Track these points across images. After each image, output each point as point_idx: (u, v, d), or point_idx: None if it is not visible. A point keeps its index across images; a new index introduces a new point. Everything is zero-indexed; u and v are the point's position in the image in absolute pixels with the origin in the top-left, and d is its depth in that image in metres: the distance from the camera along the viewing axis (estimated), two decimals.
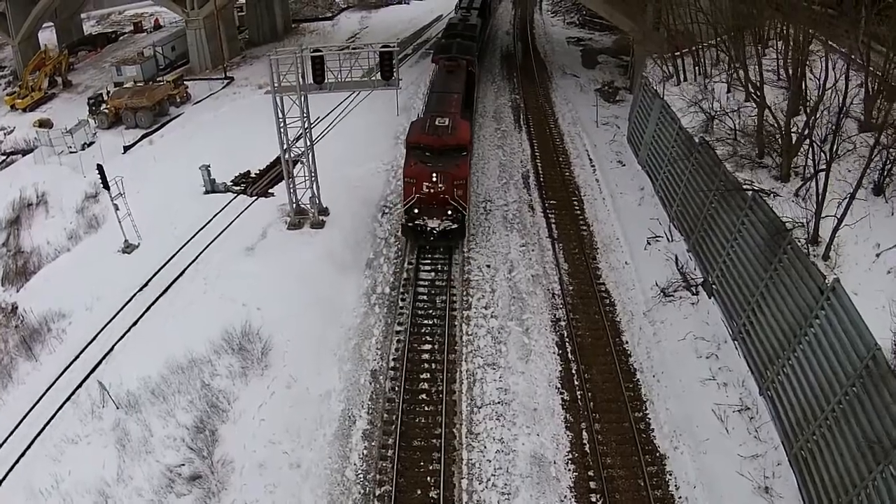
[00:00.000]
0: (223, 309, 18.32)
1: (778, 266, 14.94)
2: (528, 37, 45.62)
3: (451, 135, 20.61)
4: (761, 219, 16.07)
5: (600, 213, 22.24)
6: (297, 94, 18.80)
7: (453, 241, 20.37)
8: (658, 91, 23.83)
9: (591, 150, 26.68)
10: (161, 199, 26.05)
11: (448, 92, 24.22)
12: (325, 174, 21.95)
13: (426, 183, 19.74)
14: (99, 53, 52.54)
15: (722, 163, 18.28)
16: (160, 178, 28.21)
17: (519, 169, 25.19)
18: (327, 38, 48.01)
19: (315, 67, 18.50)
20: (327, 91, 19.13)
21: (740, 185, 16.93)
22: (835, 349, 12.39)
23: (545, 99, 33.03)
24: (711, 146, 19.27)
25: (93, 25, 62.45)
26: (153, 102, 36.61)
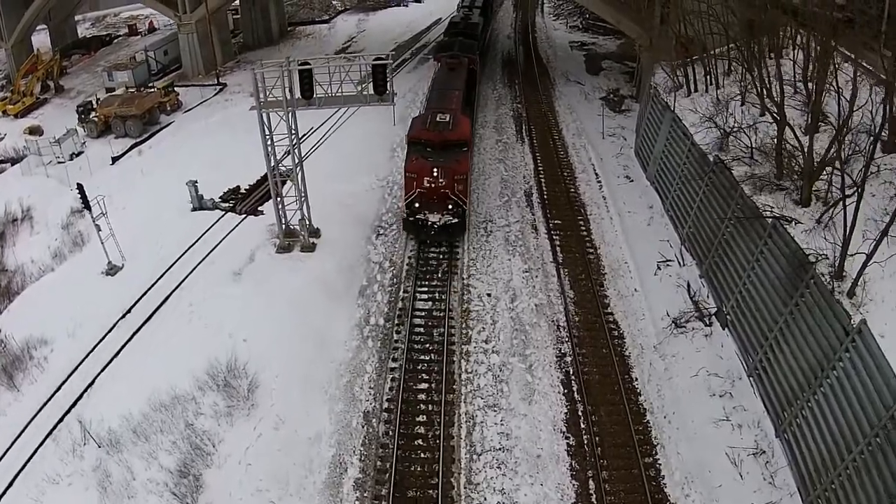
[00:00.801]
0: (208, 339, 17.48)
1: (799, 301, 14.07)
2: (530, 41, 44.54)
3: (452, 130, 20.90)
4: (782, 249, 15.12)
5: (607, 234, 21.23)
6: (284, 110, 17.78)
7: (454, 236, 20.56)
8: (668, 103, 22.80)
9: (597, 164, 25.64)
10: (147, 215, 25.25)
11: (449, 89, 24.45)
12: (316, 190, 21.02)
13: (427, 178, 20.01)
14: (92, 57, 51.67)
15: (739, 185, 17.27)
16: (147, 193, 27.40)
17: (521, 185, 24.15)
18: (323, 42, 47.03)
19: (303, 81, 17.44)
20: (316, 107, 18.11)
21: (760, 212, 15.94)
22: (859, 395, 11.64)
23: (548, 108, 31.98)
24: (727, 166, 18.26)
25: (87, 28, 61.63)
26: (142, 111, 35.69)
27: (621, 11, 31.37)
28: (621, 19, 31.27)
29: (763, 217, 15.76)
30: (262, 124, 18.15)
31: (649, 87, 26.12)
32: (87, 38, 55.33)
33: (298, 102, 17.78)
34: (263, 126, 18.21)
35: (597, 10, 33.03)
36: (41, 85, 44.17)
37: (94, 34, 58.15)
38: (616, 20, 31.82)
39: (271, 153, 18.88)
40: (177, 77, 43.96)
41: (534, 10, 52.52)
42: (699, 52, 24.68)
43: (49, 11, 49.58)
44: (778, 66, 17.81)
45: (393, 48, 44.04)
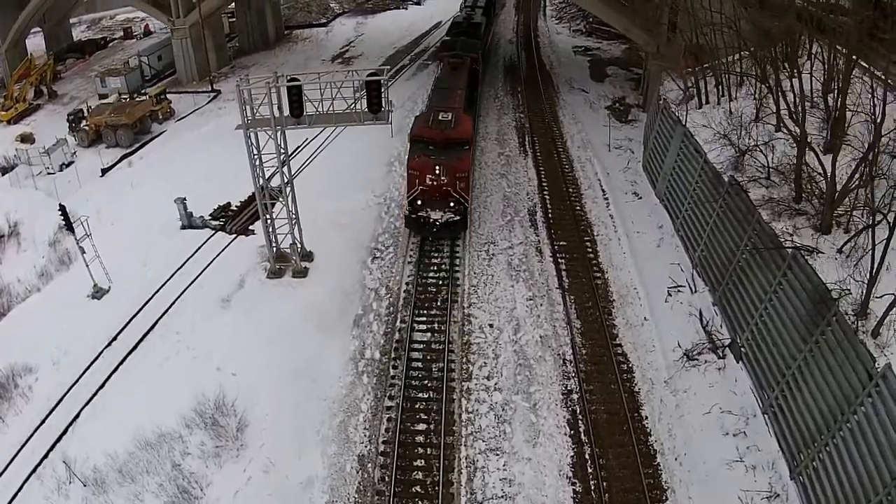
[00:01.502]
0: (196, 372, 16.88)
1: (820, 339, 13.36)
2: (533, 46, 43.54)
3: (454, 129, 21.18)
4: (802, 282, 14.34)
5: (615, 257, 20.40)
6: (272, 129, 16.93)
7: (455, 233, 20.84)
8: (680, 117, 21.93)
9: (603, 180, 24.77)
10: (135, 232, 24.59)
11: (452, 88, 24.77)
12: (308, 209, 20.33)
13: (429, 176, 20.36)
14: (87, 61, 50.89)
15: (756, 210, 16.43)
16: (136, 207, 26.72)
17: (525, 203, 23.29)
18: (320, 47, 46.15)
19: (292, 98, 16.56)
20: (306, 126, 17.26)
21: (779, 241, 15.10)
22: (880, 442, 11.05)
23: (552, 118, 31.07)
24: (743, 188, 17.41)
25: (83, 31, 60.88)
26: (133, 120, 34.91)
27: (628, 17, 30.51)
28: (628, 26, 30.40)
29: (783, 248, 14.96)
30: (248, 144, 17.33)
31: (658, 99, 25.26)
32: (81, 41, 54.56)
33: (287, 121, 16.94)
34: (250, 146, 17.38)
35: (602, 15, 32.13)
36: (34, 90, 43.46)
37: (89, 37, 57.34)
38: (623, 26, 30.93)
39: (259, 174, 18.06)
40: (171, 83, 43.21)
41: (536, 13, 51.53)
42: (710, 61, 23.85)
43: (44, 14, 48.83)
44: (800, 81, 16.87)
45: (391, 53, 43.57)
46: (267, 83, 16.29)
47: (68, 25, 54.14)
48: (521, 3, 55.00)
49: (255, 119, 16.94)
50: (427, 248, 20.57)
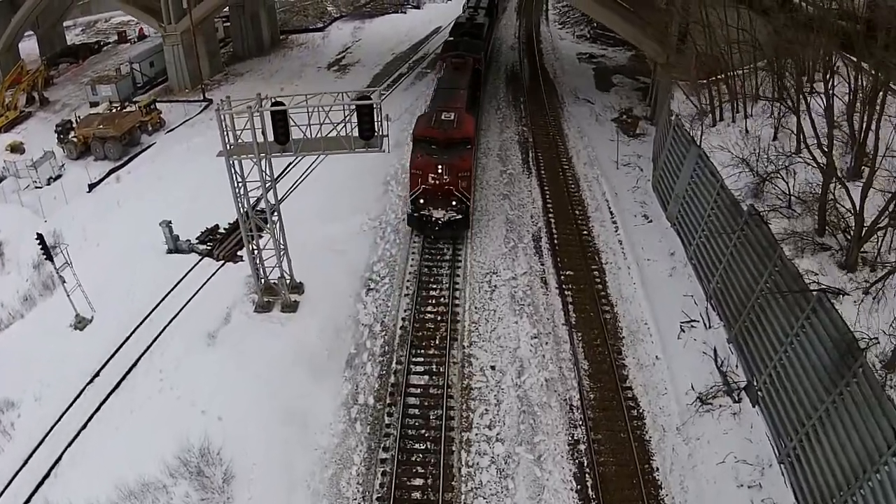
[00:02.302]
0: (180, 415, 16.07)
1: (844, 390, 12.60)
2: (535, 53, 42.48)
3: (457, 128, 21.70)
4: (827, 327, 13.46)
5: (625, 289, 19.47)
6: (256, 156, 15.96)
7: (457, 232, 21.23)
8: (694, 136, 20.94)
9: (611, 201, 23.78)
10: (120, 255, 23.67)
11: (454, 88, 25.27)
12: (298, 234, 19.45)
13: (431, 175, 20.85)
14: (80, 66, 49.99)
15: (779, 246, 15.50)
16: (122, 227, 25.82)
17: (529, 227, 22.31)
18: (316, 53, 45.18)
19: (276, 125, 15.58)
20: (292, 155, 16.33)
21: (804, 282, 14.19)
22: None
23: (556, 131, 30.05)
24: (764, 219, 16.48)
25: (77, 34, 59.99)
26: (122, 132, 34.03)
27: (636, 26, 29.49)
28: (637, 35, 29.37)
29: (808, 291, 14.04)
30: (231, 173, 16.37)
31: (669, 114, 24.28)
32: (75, 45, 53.57)
33: (272, 148, 15.98)
34: (233, 175, 16.43)
35: (610, 23, 31.09)
36: (26, 97, 42.65)
37: (83, 41, 56.44)
38: (631, 36, 29.91)
39: (244, 206, 17.11)
40: (162, 91, 42.36)
41: (538, 18, 50.40)
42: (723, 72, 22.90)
43: (37, 18, 48.02)
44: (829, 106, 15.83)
45: (389, 60, 42.62)
46: (249, 107, 15.32)
47: (62, 29, 53.23)
48: (522, 6, 54.04)
49: (237, 146, 15.96)
50: (425, 279, 19.68)
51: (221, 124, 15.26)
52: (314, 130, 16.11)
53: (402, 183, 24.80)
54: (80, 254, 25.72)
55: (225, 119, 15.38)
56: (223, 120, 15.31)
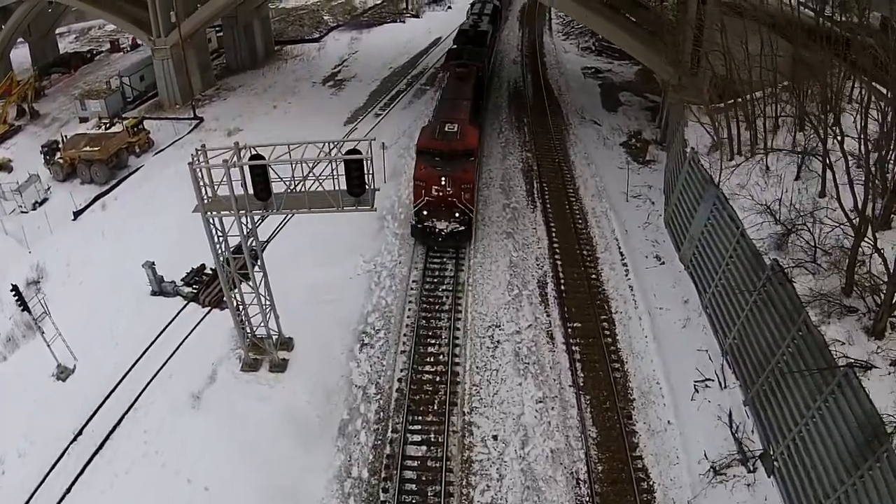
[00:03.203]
0: (165, 483, 15.18)
1: (867, 474, 11.74)
2: (539, 67, 41.14)
3: (460, 140, 22.07)
4: (852, 406, 12.54)
5: (636, 343, 18.26)
6: (235, 212, 14.70)
7: (460, 243, 21.73)
8: (711, 172, 19.65)
9: (621, 239, 22.51)
10: (104, 295, 22.60)
11: (458, 98, 25.60)
12: (287, 279, 18.32)
13: (435, 186, 21.25)
14: (72, 76, 48.90)
15: (804, 310, 14.33)
16: (106, 261, 24.68)
17: (534, 270, 21.05)
18: (311, 66, 43.91)
19: (256, 180, 14.25)
20: (274, 211, 14.98)
21: (832, 357, 13.03)
22: None
23: (562, 157, 28.74)
24: (788, 276, 15.29)
25: (71, 42, 58.91)
26: (108, 156, 32.88)
27: (646, 43, 28.18)
28: (647, 54, 28.04)
29: (834, 368, 12.91)
30: (209, 230, 15.11)
31: (683, 145, 23.00)
32: (68, 53, 52.44)
33: (252, 204, 14.72)
34: (211, 231, 15.16)
35: (619, 41, 29.72)
36: (16, 109, 41.56)
37: (76, 48, 55.34)
38: (641, 55, 28.52)
39: (225, 265, 15.87)
40: (153, 106, 41.24)
41: (541, 28, 48.98)
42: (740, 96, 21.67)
43: (29, 26, 46.87)
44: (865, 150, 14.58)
45: (387, 74, 41.33)
46: (225, 161, 14.05)
47: (54, 37, 52.05)
48: (525, 16, 52.74)
49: (214, 200, 14.69)
50: (423, 333, 18.46)
51: (196, 180, 14.02)
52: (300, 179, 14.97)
53: (399, 219, 23.61)
54: (64, 289, 24.97)
55: (200, 173, 14.14)
56: (198, 175, 14.07)
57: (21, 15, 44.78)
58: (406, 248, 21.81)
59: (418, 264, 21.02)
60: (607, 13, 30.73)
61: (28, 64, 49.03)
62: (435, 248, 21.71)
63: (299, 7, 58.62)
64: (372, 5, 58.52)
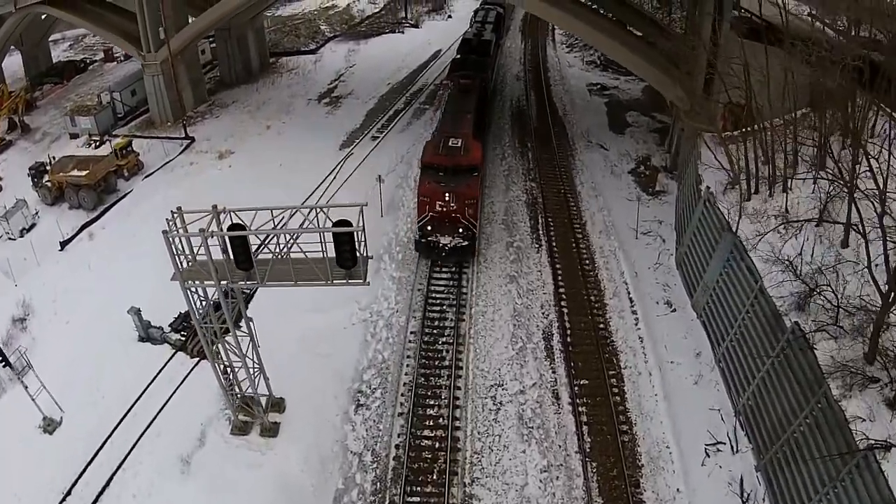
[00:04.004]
0: None
1: None
2: (543, 84, 40.45)
3: (464, 155, 22.88)
4: (870, 490, 12.04)
5: (646, 401, 17.69)
6: (216, 283, 14.04)
7: (464, 258, 22.49)
8: (729, 217, 18.98)
9: (630, 282, 21.88)
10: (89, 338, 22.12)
11: (461, 111, 26.43)
12: (277, 328, 17.85)
13: (439, 202, 21.99)
14: (65, 87, 48.38)
15: (825, 382, 13.78)
16: (93, 299, 24.19)
17: (539, 319, 20.44)
18: (307, 80, 43.30)
19: (236, 251, 13.46)
20: (257, 283, 14.28)
21: (852, 438, 12.51)
22: None
23: (568, 187, 28.05)
24: (810, 342, 14.72)
25: (65, 49, 58.34)
26: (95, 181, 32.37)
27: (657, 65, 27.42)
28: (658, 77, 27.27)
29: (854, 451, 12.38)
30: (188, 299, 14.47)
31: (697, 181, 22.30)
32: (61, 62, 51.83)
33: (234, 273, 14.06)
34: (191, 301, 14.54)
35: (628, 63, 28.93)
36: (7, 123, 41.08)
37: (70, 57, 54.72)
38: (652, 78, 27.73)
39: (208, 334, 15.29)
40: (144, 123, 40.68)
41: (544, 40, 48.21)
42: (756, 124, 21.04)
43: (21, 35, 46.24)
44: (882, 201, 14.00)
45: (384, 91, 40.64)
46: (202, 230, 13.22)
47: (47, 46, 51.27)
48: (527, 25, 52.02)
49: (193, 268, 14.02)
50: (421, 392, 17.93)
51: (171, 248, 13.39)
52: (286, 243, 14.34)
53: (397, 259, 23.05)
54: (50, 327, 24.48)
55: (175, 241, 13.43)
56: (173, 244, 13.40)
57: (12, 25, 44.19)
58: (404, 294, 21.24)
59: (417, 313, 20.44)
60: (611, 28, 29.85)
61: (21, 73, 48.51)
62: (435, 295, 21.19)
63: (295, 16, 57.92)
64: (370, 14, 57.94)
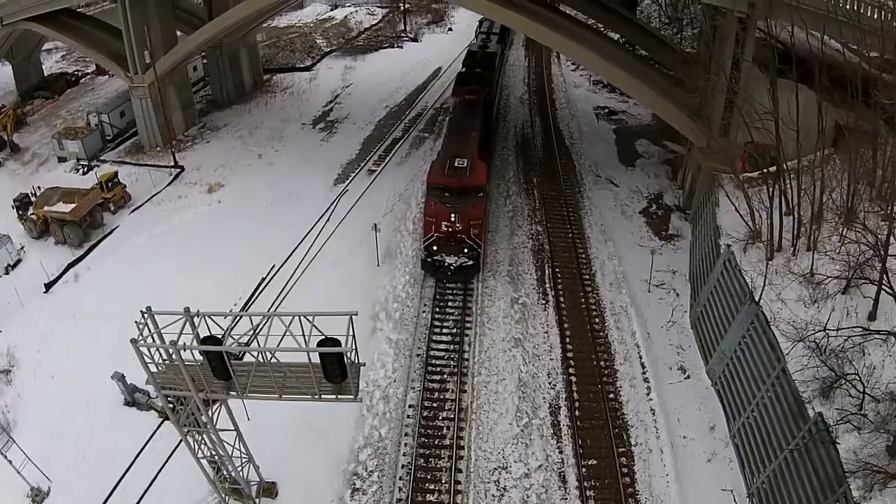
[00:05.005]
0: None
1: None
2: (548, 108, 39.74)
3: (469, 177, 24.01)
4: None
5: (656, 483, 17.09)
6: (194, 395, 13.21)
7: (468, 277, 23.58)
8: (753, 287, 18.08)
9: (642, 345, 21.19)
10: (76, 397, 21.79)
11: (467, 129, 27.45)
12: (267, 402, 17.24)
13: (445, 222, 23.06)
14: (56, 102, 47.88)
15: (846, 481, 13.27)
16: (78, 352, 23.86)
17: (545, 391, 19.74)
18: (302, 102, 42.60)
19: (213, 364, 12.65)
20: (237, 396, 13.48)
21: None
22: None
23: (576, 231, 27.27)
24: (832, 436, 14.16)
25: (57, 61, 57.84)
26: (80, 217, 31.84)
27: (671, 99, 26.59)
28: (673, 112, 26.41)
29: None
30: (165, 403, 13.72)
31: (715, 233, 21.59)
32: (52, 75, 51.31)
33: (213, 385, 13.17)
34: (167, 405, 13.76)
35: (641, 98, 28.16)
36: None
37: (62, 69, 54.13)
38: (667, 113, 26.81)
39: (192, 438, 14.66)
40: (133, 148, 40.08)
41: (549, 56, 47.31)
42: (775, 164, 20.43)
43: (11, 48, 45.71)
44: None
45: (382, 115, 39.90)
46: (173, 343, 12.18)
47: (38, 58, 50.71)
48: (531, 39, 51.11)
49: (167, 374, 13.11)
50: (421, 476, 17.33)
51: (142, 358, 12.64)
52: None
53: (394, 318, 22.46)
54: (35, 382, 24.01)
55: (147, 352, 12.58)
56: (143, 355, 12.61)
57: (1, 39, 43.71)
58: (401, 361, 20.64)
59: (415, 383, 19.82)
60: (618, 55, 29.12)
61: (11, 86, 48.13)
62: (434, 363, 20.61)
63: (291, 28, 57.16)
64: (368, 26, 57.23)
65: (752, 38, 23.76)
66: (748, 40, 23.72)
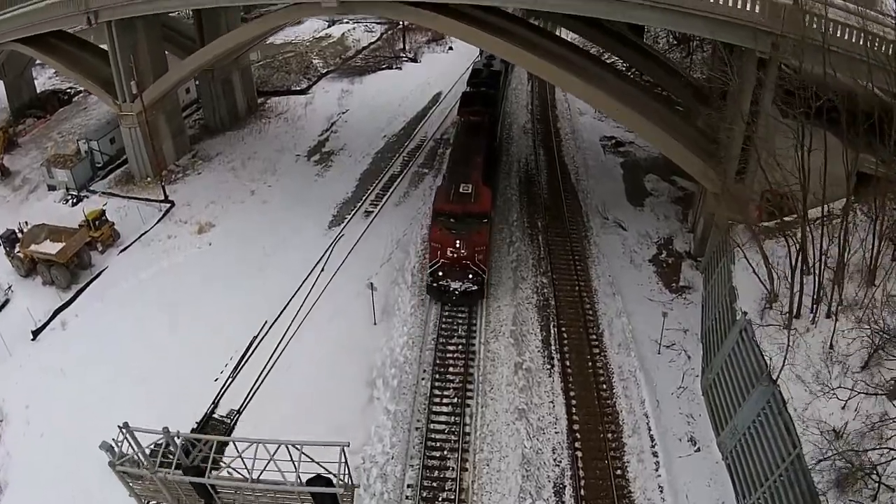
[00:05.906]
0: None
1: None
2: (553, 139, 39.44)
3: (474, 203, 25.17)
4: None
5: None
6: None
7: (473, 301, 24.77)
8: (772, 365, 17.76)
9: (651, 415, 20.88)
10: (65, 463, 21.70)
11: (471, 154, 28.46)
12: None
13: (450, 248, 24.31)
14: (48, 122, 47.74)
15: None
16: (67, 412, 23.84)
17: (550, 468, 19.43)
18: (297, 130, 42.29)
19: (196, 489, 12.48)
20: None
21: None
22: None
23: (583, 283, 26.87)
24: None
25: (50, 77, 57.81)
26: (66, 259, 31.65)
27: (680, 139, 26.13)
28: (685, 155, 25.93)
29: None
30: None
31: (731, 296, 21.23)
32: (45, 93, 51.12)
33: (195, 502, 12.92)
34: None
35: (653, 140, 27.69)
36: None
37: (55, 85, 53.93)
38: (679, 157, 26.30)
39: None
40: (123, 176, 39.89)
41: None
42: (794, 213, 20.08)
43: (3, 66, 45.55)
44: None
45: (380, 146, 39.53)
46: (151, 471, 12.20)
47: (31, 76, 50.48)
48: None
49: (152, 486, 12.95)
50: None
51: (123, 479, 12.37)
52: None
53: (392, 386, 22.19)
54: (24, 440, 23.97)
55: None
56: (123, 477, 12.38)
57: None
58: (400, 435, 20.34)
59: (414, 460, 19.53)
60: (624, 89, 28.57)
61: (3, 103, 48.01)
62: (434, 438, 20.34)
63: (286, 46, 56.90)
64: (366, 45, 56.98)
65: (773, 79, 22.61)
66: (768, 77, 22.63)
